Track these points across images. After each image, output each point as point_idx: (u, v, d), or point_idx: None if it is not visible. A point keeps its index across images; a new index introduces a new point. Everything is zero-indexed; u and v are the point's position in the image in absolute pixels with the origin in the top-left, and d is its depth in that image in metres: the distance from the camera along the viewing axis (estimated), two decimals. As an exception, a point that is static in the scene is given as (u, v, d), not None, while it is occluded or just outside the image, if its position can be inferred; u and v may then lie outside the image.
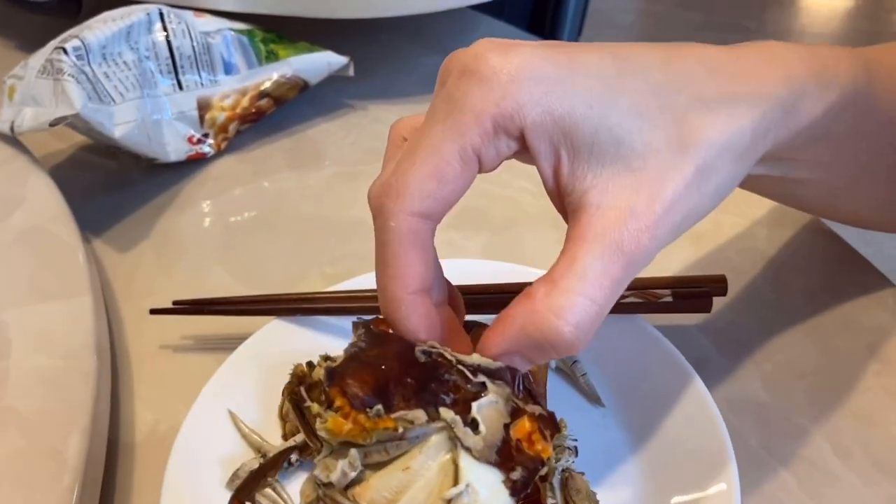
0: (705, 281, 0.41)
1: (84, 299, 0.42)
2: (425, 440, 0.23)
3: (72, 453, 0.34)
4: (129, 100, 0.52)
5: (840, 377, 0.41)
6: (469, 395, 0.24)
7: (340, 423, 0.23)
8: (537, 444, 0.25)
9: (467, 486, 0.23)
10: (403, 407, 0.23)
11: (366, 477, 0.23)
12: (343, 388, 0.23)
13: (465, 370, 0.25)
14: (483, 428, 0.23)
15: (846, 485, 0.37)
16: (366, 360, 0.24)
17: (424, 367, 0.24)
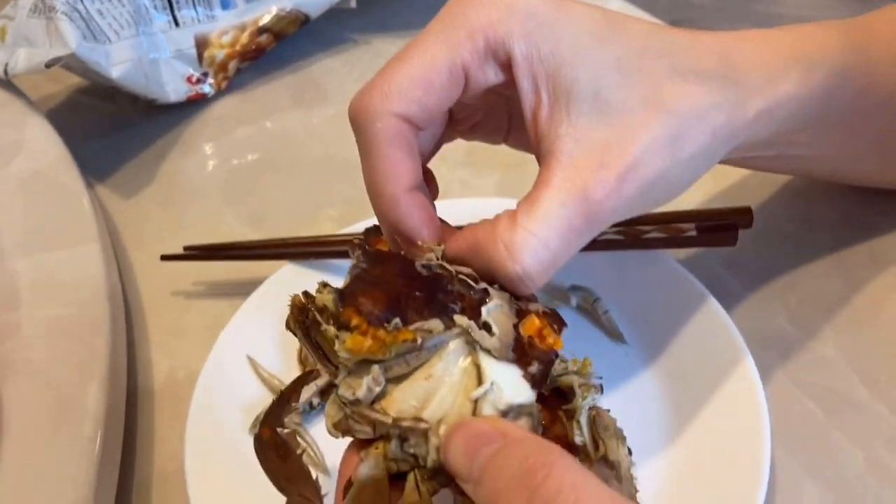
0: (730, 213, 0.40)
1: (92, 246, 0.41)
2: (444, 348, 0.24)
3: (91, 402, 0.34)
4: (124, 38, 0.50)
5: (866, 308, 0.40)
6: (474, 302, 0.24)
7: (360, 341, 0.23)
8: (548, 339, 0.25)
9: (492, 383, 0.23)
10: (418, 319, 0.23)
11: (389, 390, 0.24)
12: (357, 308, 0.23)
13: (467, 279, 0.25)
14: (496, 329, 0.24)
15: (873, 413, 0.36)
16: (371, 279, 0.24)
17: (428, 280, 0.24)
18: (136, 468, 0.37)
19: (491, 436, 0.21)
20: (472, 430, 0.22)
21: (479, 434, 0.22)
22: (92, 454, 0.32)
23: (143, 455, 0.37)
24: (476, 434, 0.22)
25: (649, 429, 0.35)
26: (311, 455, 0.36)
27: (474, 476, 0.21)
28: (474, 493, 0.21)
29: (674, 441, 0.34)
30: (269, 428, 0.25)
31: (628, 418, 0.34)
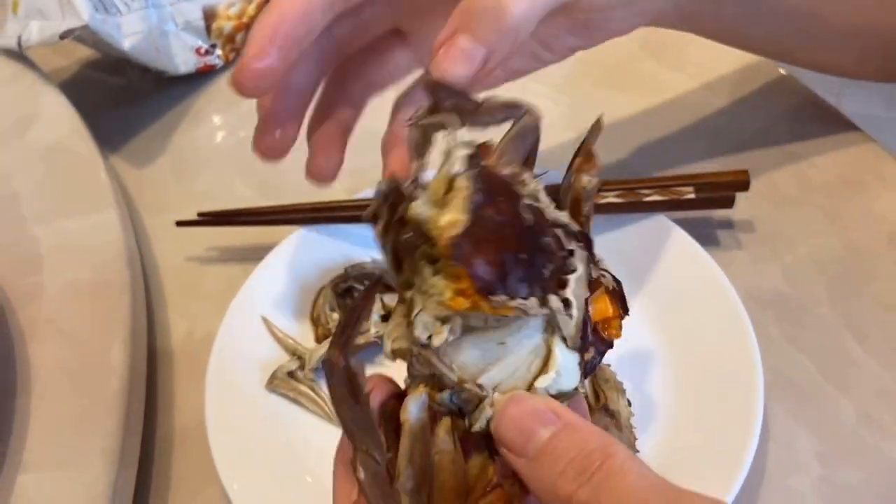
0: (728, 176, 0.41)
1: (110, 213, 0.42)
2: (527, 321, 0.23)
3: (116, 360, 0.35)
4: (134, 10, 0.51)
5: (860, 267, 0.41)
6: (560, 263, 0.23)
7: (460, 304, 0.22)
8: (612, 329, 0.25)
9: (557, 371, 0.23)
10: (516, 290, 0.22)
11: (459, 340, 0.23)
12: (470, 267, 0.22)
13: (559, 232, 0.24)
14: (574, 311, 0.23)
15: (864, 368, 0.38)
16: (486, 224, 0.22)
17: (531, 233, 0.23)
18: (159, 424, 0.39)
19: (548, 417, 0.22)
20: (529, 408, 0.22)
21: (535, 413, 0.22)
22: (118, 407, 0.34)
23: (164, 411, 0.39)
24: (532, 412, 0.22)
25: (649, 382, 0.37)
26: (324, 408, 0.37)
27: (529, 453, 0.21)
28: (528, 468, 0.21)
29: (672, 393, 0.36)
30: (340, 351, 0.22)
31: (629, 373, 0.35)
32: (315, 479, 0.35)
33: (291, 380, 0.38)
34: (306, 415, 0.38)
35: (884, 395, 0.37)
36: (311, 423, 0.37)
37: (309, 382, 0.38)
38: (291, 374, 0.38)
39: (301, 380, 0.38)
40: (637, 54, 0.54)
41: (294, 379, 0.38)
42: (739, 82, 0.51)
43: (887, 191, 0.44)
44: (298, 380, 0.38)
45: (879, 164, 0.46)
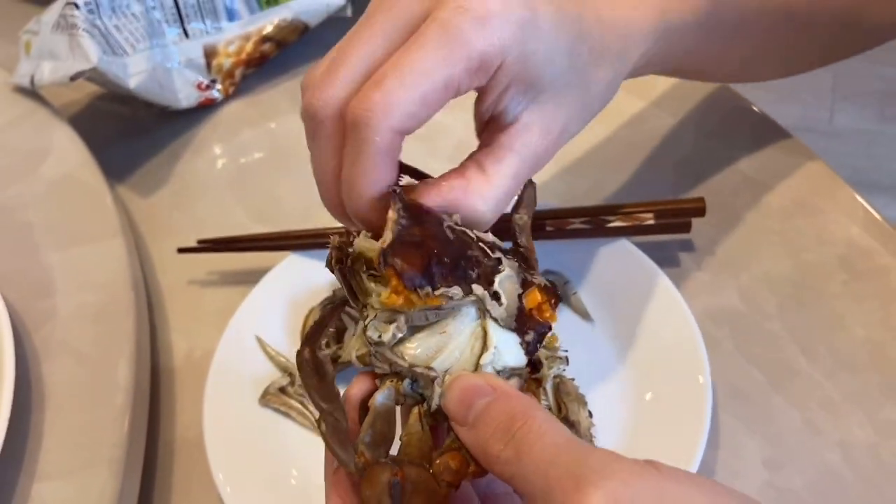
0: (684, 203, 0.45)
1: (117, 241, 0.46)
2: (459, 310, 0.28)
3: (122, 377, 0.39)
4: (139, 51, 0.55)
5: (811, 287, 0.45)
6: (489, 269, 0.28)
7: (394, 299, 0.27)
8: (545, 313, 0.30)
9: (496, 348, 0.28)
10: (444, 284, 0.27)
11: (408, 337, 0.28)
12: (396, 270, 0.26)
13: (485, 247, 0.29)
14: (504, 299, 0.28)
15: (811, 380, 0.41)
16: (410, 239, 0.27)
17: (454, 245, 0.28)
18: (161, 435, 0.42)
19: (484, 390, 0.26)
20: (469, 383, 0.26)
21: (474, 387, 0.26)
22: (124, 420, 0.37)
23: (166, 424, 0.42)
24: (472, 386, 0.26)
25: (609, 393, 0.40)
26: (311, 419, 0.41)
27: (469, 422, 0.25)
28: (467, 435, 0.25)
29: (630, 404, 0.39)
30: (309, 348, 0.28)
31: (591, 385, 0.39)
32: (303, 485, 0.38)
33: (283, 395, 0.41)
34: (296, 427, 0.41)
35: (826, 405, 0.40)
36: (300, 435, 0.41)
37: (299, 398, 0.42)
38: (283, 390, 0.42)
39: (291, 395, 0.42)
40: (610, 86, 0.57)
41: (285, 394, 0.41)
42: (702, 112, 0.54)
43: (839, 215, 0.48)
44: (289, 395, 0.42)
45: (832, 188, 0.49)
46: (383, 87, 0.28)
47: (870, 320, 0.43)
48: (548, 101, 0.31)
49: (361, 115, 0.28)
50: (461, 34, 0.28)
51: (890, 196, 1.69)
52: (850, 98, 1.86)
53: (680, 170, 0.51)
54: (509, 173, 0.31)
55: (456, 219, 0.29)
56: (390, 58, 0.29)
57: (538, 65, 0.30)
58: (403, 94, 0.28)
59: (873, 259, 0.45)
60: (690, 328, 0.40)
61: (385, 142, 0.28)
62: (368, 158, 0.29)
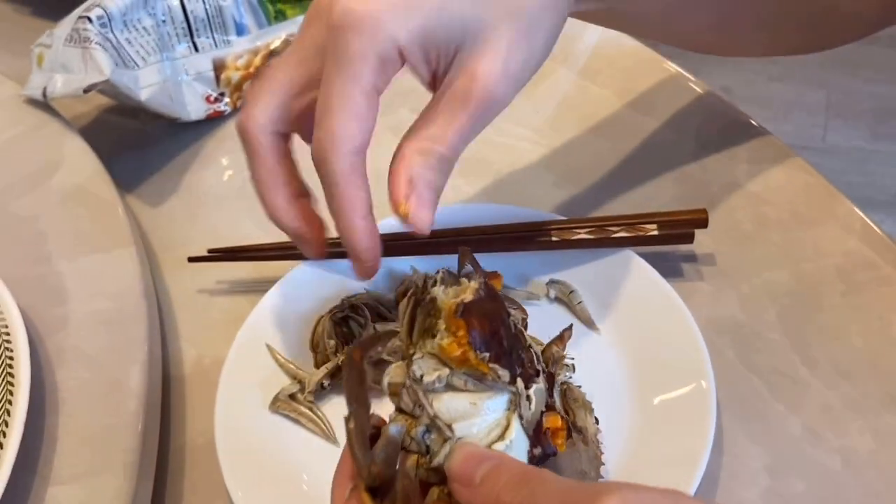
0: (687, 214, 0.46)
1: (128, 250, 0.47)
2: (496, 392, 0.30)
3: (134, 383, 0.39)
4: (150, 64, 0.56)
5: (809, 297, 0.46)
6: (528, 374, 0.31)
7: (454, 349, 0.29)
8: (559, 440, 0.32)
9: (510, 441, 0.29)
10: (496, 361, 0.29)
11: (441, 392, 0.29)
12: (469, 324, 0.29)
13: (533, 354, 0.32)
14: (533, 406, 0.31)
15: (811, 389, 0.42)
16: (483, 309, 0.30)
17: (512, 337, 0.31)
18: (172, 441, 0.42)
19: (492, 456, 0.27)
20: (478, 449, 0.28)
21: (482, 452, 0.28)
22: (137, 425, 0.37)
23: (176, 430, 0.43)
24: (480, 452, 0.28)
25: (614, 401, 0.40)
26: (322, 427, 0.41)
27: (476, 481, 0.26)
28: (471, 494, 0.26)
29: (635, 410, 0.40)
30: (360, 351, 0.30)
31: (597, 392, 0.39)
32: (312, 490, 0.38)
33: (292, 402, 0.42)
34: (306, 433, 0.41)
35: (827, 412, 0.41)
36: (310, 441, 0.41)
37: (308, 404, 0.42)
38: (292, 397, 0.42)
39: (301, 402, 0.42)
40: (612, 100, 0.59)
41: (295, 401, 0.42)
42: (703, 127, 0.56)
43: (837, 227, 0.49)
44: (299, 402, 0.42)
45: (830, 202, 0.50)
46: (321, 126, 0.32)
47: (868, 330, 0.44)
48: (472, 49, 0.33)
49: (318, 155, 0.33)
50: (347, 49, 0.31)
51: (884, 212, 1.70)
52: (843, 116, 1.88)
53: (681, 182, 0.52)
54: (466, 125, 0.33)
55: (517, 317, 0.33)
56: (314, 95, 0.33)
57: (437, 27, 0.32)
58: (337, 123, 0.32)
59: (871, 270, 0.46)
60: (694, 336, 0.41)
61: (346, 166, 0.32)
62: (339, 186, 0.33)
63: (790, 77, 1.95)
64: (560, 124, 0.58)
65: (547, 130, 0.58)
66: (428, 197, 0.33)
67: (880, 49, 2.00)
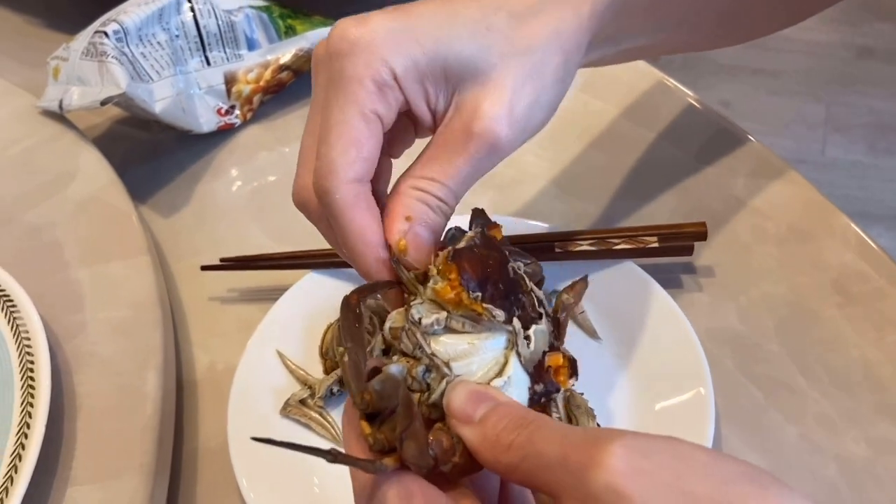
0: (687, 227, 0.47)
1: (143, 258, 0.48)
2: (493, 332, 0.30)
3: (150, 388, 0.41)
4: (164, 77, 0.57)
5: (806, 309, 0.47)
6: (528, 317, 0.31)
7: (447, 291, 0.30)
8: (561, 377, 0.32)
9: (508, 377, 0.30)
10: (490, 302, 0.30)
11: (440, 333, 0.30)
12: (460, 268, 0.30)
13: (534, 298, 0.32)
14: (532, 345, 0.31)
15: (807, 398, 0.43)
16: (477, 254, 0.31)
17: (511, 281, 0.31)
18: (185, 444, 0.43)
19: (490, 396, 0.28)
20: (477, 388, 0.28)
21: (482, 392, 0.28)
22: (153, 429, 0.39)
23: (189, 434, 0.44)
24: (479, 391, 0.28)
25: (616, 408, 0.42)
26: (332, 432, 0.42)
27: (475, 419, 0.27)
28: (471, 432, 0.27)
29: (636, 417, 0.41)
30: (357, 296, 0.30)
31: (599, 400, 0.40)
32: (323, 492, 0.40)
33: (303, 407, 0.43)
34: (316, 438, 0.43)
35: (822, 421, 0.42)
36: (320, 445, 0.42)
37: (318, 409, 0.43)
38: (303, 402, 0.43)
39: (311, 407, 0.43)
40: (612, 114, 0.60)
41: (305, 406, 0.43)
42: (703, 141, 0.57)
43: (833, 241, 0.50)
44: (309, 407, 0.43)
45: (826, 216, 0.52)
46: (319, 155, 0.31)
47: (863, 341, 0.45)
48: (472, 87, 0.31)
49: (316, 189, 0.31)
50: (342, 74, 0.31)
51: (882, 227, 1.72)
52: (842, 131, 1.90)
53: (681, 195, 0.53)
54: (453, 167, 0.31)
55: (519, 265, 0.32)
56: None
57: (433, 58, 0.31)
58: (335, 149, 0.30)
59: (866, 283, 0.47)
60: (693, 346, 0.42)
61: (347, 195, 0.30)
62: (342, 217, 0.31)
63: (789, 91, 1.97)
64: (562, 137, 0.59)
65: (549, 143, 0.59)
66: (425, 237, 0.32)
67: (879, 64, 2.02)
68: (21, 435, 0.37)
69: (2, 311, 0.42)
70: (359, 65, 0.30)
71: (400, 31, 0.31)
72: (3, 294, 0.43)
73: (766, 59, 1.99)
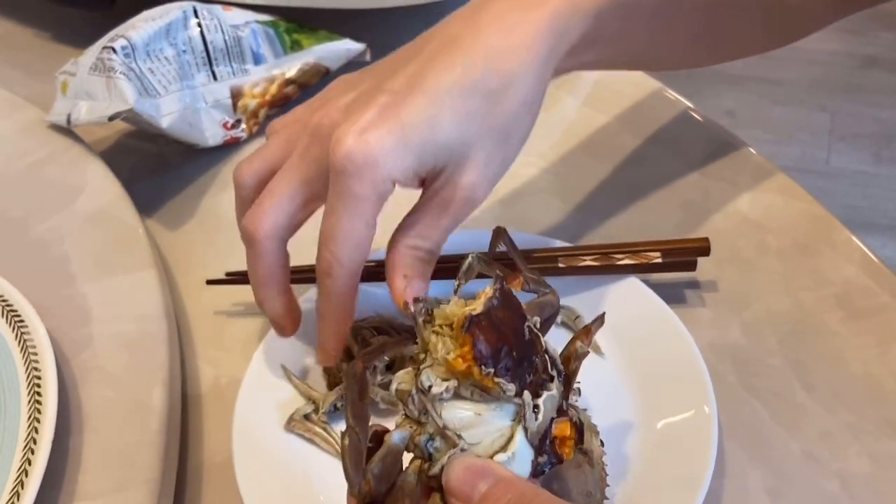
0: (690, 243, 0.47)
1: (149, 272, 0.48)
2: (502, 403, 0.30)
3: (156, 402, 0.41)
4: (171, 92, 0.58)
5: (809, 324, 0.47)
6: (540, 381, 0.31)
7: (459, 363, 0.29)
8: (566, 448, 0.32)
9: (513, 453, 0.30)
10: (503, 373, 0.30)
11: (448, 401, 0.30)
12: (474, 340, 0.29)
13: (548, 359, 0.32)
14: (541, 416, 0.31)
15: (811, 413, 0.43)
16: (493, 321, 0.30)
17: (525, 345, 0.31)
18: (189, 459, 0.44)
19: (488, 471, 0.28)
20: (473, 462, 0.29)
21: (479, 467, 0.28)
22: (159, 443, 0.39)
23: (194, 449, 0.44)
24: (476, 466, 0.29)
25: (619, 424, 0.42)
26: (336, 447, 0.43)
27: (474, 500, 0.27)
28: None
29: (639, 434, 0.41)
30: (363, 364, 0.31)
31: (602, 416, 0.41)
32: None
33: (307, 422, 0.43)
34: (320, 453, 0.43)
35: (826, 437, 0.42)
36: (324, 460, 0.42)
37: (322, 424, 0.43)
38: (307, 417, 0.43)
39: (315, 422, 0.43)
40: (615, 128, 0.60)
41: (309, 421, 0.43)
42: (706, 155, 0.57)
43: (836, 256, 0.50)
44: (313, 422, 0.43)
45: (829, 231, 0.52)
46: (329, 249, 0.38)
47: (867, 356, 0.45)
48: (457, 166, 0.38)
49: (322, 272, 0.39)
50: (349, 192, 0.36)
51: (886, 236, 1.72)
52: (846, 140, 1.90)
53: (684, 210, 0.54)
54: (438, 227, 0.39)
55: (536, 321, 0.32)
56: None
57: (427, 157, 0.37)
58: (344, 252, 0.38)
59: (870, 298, 0.47)
60: (696, 361, 0.42)
61: (348, 286, 0.38)
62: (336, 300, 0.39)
63: (794, 100, 1.97)
64: (565, 151, 0.60)
65: (552, 157, 0.59)
66: (419, 287, 0.38)
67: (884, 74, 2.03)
68: (28, 450, 0.37)
69: (9, 325, 0.43)
70: (366, 186, 0.36)
71: (395, 144, 0.36)
72: (9, 308, 0.43)
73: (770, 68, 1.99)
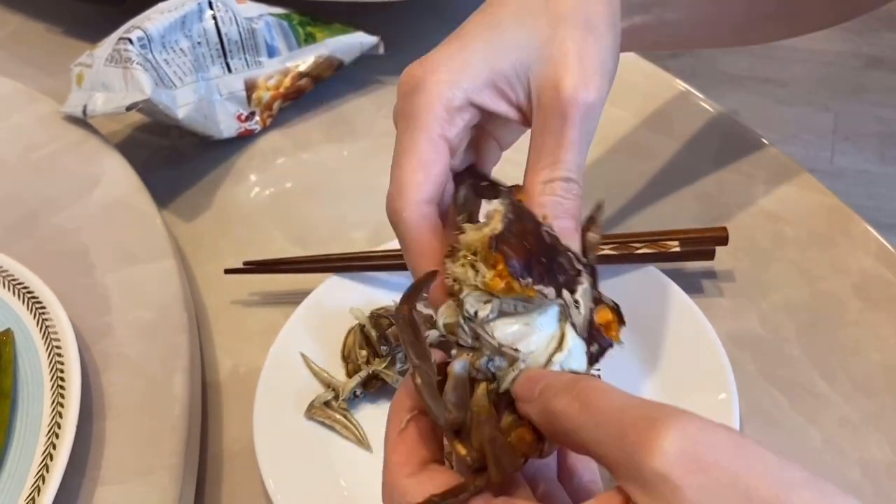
0: (708, 232, 0.47)
1: (168, 262, 0.48)
2: (545, 308, 0.30)
3: (178, 389, 0.41)
4: (187, 83, 0.58)
5: (827, 313, 0.47)
6: (571, 279, 0.31)
7: (497, 282, 0.29)
8: (612, 331, 0.32)
9: (569, 350, 0.30)
10: (539, 281, 0.29)
11: (495, 320, 0.30)
12: (506, 257, 0.29)
13: (571, 256, 0.31)
14: (582, 309, 0.31)
15: (830, 402, 0.43)
16: (515, 232, 0.30)
17: (549, 248, 0.31)
18: (209, 446, 0.44)
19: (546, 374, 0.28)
20: (535, 371, 0.29)
21: (541, 372, 0.28)
22: (181, 429, 0.39)
23: (214, 436, 0.44)
24: (539, 372, 0.28)
25: (639, 412, 0.42)
26: (356, 434, 0.43)
27: (535, 395, 0.27)
28: (532, 408, 0.27)
29: (660, 421, 0.41)
30: (408, 306, 0.30)
31: (622, 403, 0.41)
32: (349, 492, 0.40)
33: (327, 409, 0.43)
34: (340, 439, 0.43)
35: (845, 425, 0.42)
36: (344, 446, 0.43)
37: (342, 411, 0.44)
38: (327, 404, 0.44)
39: (335, 409, 0.44)
40: (631, 122, 0.61)
41: (329, 408, 0.44)
42: (721, 148, 0.57)
43: (852, 246, 0.50)
44: (333, 409, 0.44)
45: (846, 222, 0.52)
46: (391, 179, 0.33)
47: (885, 346, 0.45)
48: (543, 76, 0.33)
49: (389, 207, 0.33)
50: (412, 107, 0.32)
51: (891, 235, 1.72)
52: (850, 139, 1.90)
53: (701, 201, 0.54)
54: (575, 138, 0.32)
55: (550, 224, 0.32)
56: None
57: (497, 66, 0.33)
58: (403, 173, 0.32)
59: (886, 288, 0.47)
60: (716, 350, 0.42)
61: (414, 215, 0.32)
62: (408, 234, 0.32)
63: (798, 100, 1.97)
64: (581, 145, 0.60)
65: (568, 150, 0.59)
66: (568, 225, 0.32)
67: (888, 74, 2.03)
68: (52, 434, 0.37)
69: (31, 313, 0.43)
70: (431, 95, 0.32)
71: (457, 54, 0.33)
72: (32, 296, 0.44)
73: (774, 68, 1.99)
